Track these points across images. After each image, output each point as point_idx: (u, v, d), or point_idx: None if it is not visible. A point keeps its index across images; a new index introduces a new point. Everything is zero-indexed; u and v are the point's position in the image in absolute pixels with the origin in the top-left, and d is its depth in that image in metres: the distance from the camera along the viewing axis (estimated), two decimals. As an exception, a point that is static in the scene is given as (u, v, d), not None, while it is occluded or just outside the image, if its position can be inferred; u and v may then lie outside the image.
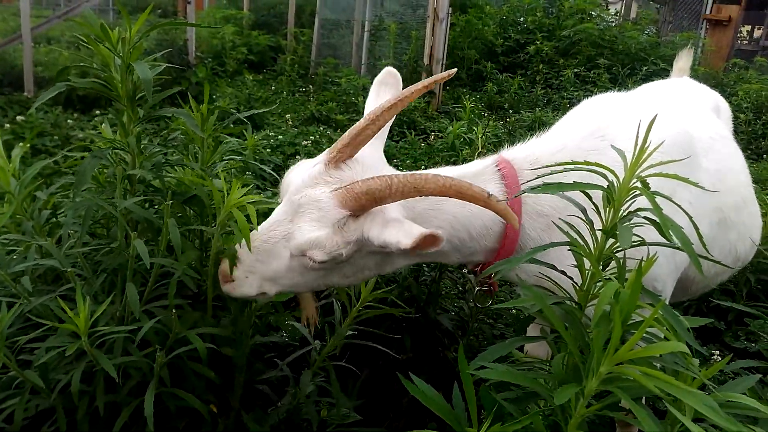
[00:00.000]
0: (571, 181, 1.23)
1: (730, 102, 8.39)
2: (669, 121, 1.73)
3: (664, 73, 8.13)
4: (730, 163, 2.01)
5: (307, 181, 1.44)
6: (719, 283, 2.37)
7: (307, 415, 1.73)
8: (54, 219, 1.76)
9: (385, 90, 1.68)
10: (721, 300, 2.95)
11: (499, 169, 1.61)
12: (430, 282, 2.46)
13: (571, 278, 1.34)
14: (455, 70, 1.67)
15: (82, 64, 1.62)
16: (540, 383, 1.18)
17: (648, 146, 1.20)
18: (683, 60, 2.82)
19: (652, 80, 2.92)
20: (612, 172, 1.23)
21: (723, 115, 2.45)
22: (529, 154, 1.68)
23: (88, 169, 1.41)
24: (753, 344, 2.90)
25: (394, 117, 1.62)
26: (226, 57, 9.55)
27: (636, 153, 1.20)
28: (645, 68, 9.18)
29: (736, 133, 7.89)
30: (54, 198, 1.80)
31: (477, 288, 1.78)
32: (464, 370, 1.20)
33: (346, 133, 1.46)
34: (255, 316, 1.99)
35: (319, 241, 1.38)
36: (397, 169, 5.24)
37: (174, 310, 1.40)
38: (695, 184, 1.27)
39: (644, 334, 1.18)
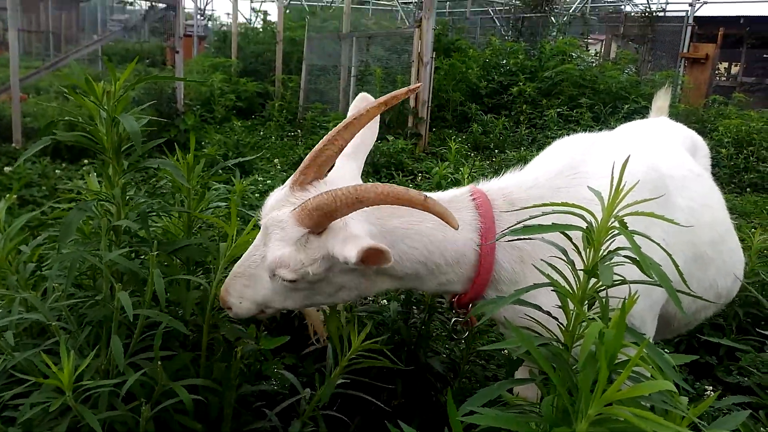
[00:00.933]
0: (550, 222, 1.25)
1: (710, 137, 8.59)
2: (640, 160, 1.76)
3: (645, 110, 8.32)
4: (705, 200, 2.03)
5: (274, 204, 1.50)
6: (706, 319, 2.37)
7: (297, 466, 1.70)
8: (39, 272, 1.75)
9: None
10: (710, 335, 2.96)
11: (474, 199, 1.64)
12: (419, 324, 2.45)
13: (556, 318, 1.34)
14: (419, 85, 1.77)
15: (67, 118, 1.64)
16: (530, 427, 1.17)
17: (624, 186, 1.23)
18: (661, 99, 2.88)
19: (634, 118, 2.99)
20: (589, 212, 1.25)
21: (700, 152, 2.49)
22: (503, 187, 1.71)
23: (73, 222, 1.42)
24: (746, 378, 2.89)
25: (371, 133, 1.75)
26: (215, 104, 9.67)
27: (612, 193, 1.23)
28: (626, 106, 9.38)
29: (719, 167, 8.05)
30: (40, 250, 1.80)
31: (454, 319, 1.78)
32: (453, 416, 1.19)
33: (307, 156, 1.53)
34: (243, 365, 1.97)
35: (283, 260, 1.42)
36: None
37: (159, 362, 1.39)
38: (669, 221, 1.29)
39: (631, 374, 1.18)
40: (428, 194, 1.41)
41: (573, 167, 1.71)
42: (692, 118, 9.96)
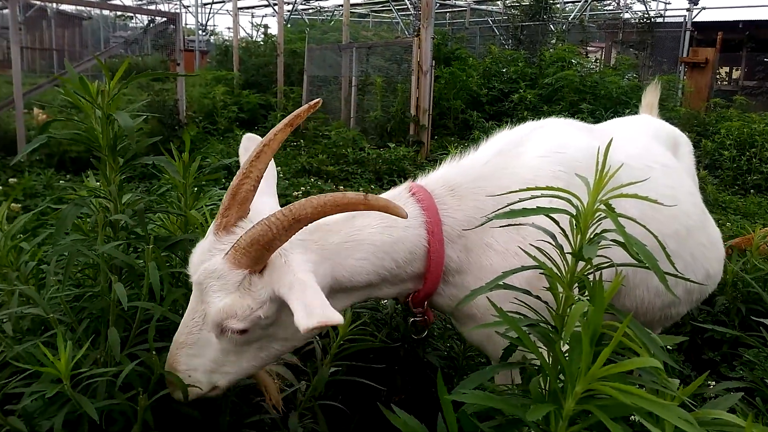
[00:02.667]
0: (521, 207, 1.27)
1: (713, 140, 8.56)
2: (588, 146, 1.72)
3: (646, 114, 8.32)
4: (670, 192, 1.97)
5: (201, 256, 1.39)
6: (678, 316, 2.27)
7: (297, 458, 1.71)
8: (40, 272, 1.78)
9: (246, 156, 1.55)
10: (709, 325, 2.95)
11: (413, 194, 1.60)
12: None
13: (546, 303, 1.36)
14: (318, 100, 1.61)
15: (62, 118, 1.68)
16: (518, 407, 1.19)
17: (608, 170, 1.25)
18: (650, 95, 2.90)
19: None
20: (573, 194, 1.27)
21: (682, 148, 2.48)
22: (441, 175, 1.70)
23: (69, 216, 1.44)
24: (751, 371, 2.87)
25: (270, 166, 1.65)
26: (218, 116, 9.76)
27: (597, 177, 1.25)
28: (627, 111, 9.39)
29: (722, 169, 8.01)
30: (41, 252, 1.83)
31: (411, 319, 1.71)
32: (443, 396, 1.21)
33: (224, 197, 1.42)
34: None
35: (229, 309, 1.31)
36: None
37: (154, 352, 1.41)
38: (643, 197, 1.30)
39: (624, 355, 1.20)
40: (357, 193, 1.31)
41: (512, 146, 1.72)
42: (694, 121, 9.97)
